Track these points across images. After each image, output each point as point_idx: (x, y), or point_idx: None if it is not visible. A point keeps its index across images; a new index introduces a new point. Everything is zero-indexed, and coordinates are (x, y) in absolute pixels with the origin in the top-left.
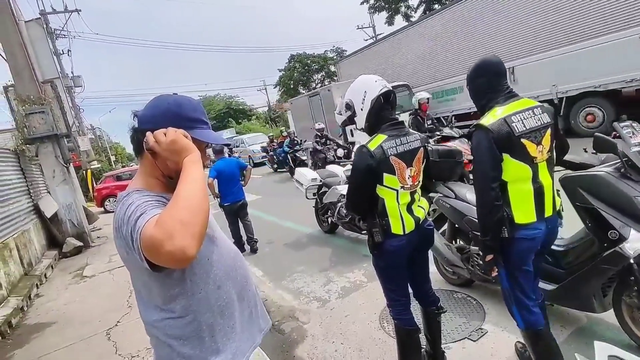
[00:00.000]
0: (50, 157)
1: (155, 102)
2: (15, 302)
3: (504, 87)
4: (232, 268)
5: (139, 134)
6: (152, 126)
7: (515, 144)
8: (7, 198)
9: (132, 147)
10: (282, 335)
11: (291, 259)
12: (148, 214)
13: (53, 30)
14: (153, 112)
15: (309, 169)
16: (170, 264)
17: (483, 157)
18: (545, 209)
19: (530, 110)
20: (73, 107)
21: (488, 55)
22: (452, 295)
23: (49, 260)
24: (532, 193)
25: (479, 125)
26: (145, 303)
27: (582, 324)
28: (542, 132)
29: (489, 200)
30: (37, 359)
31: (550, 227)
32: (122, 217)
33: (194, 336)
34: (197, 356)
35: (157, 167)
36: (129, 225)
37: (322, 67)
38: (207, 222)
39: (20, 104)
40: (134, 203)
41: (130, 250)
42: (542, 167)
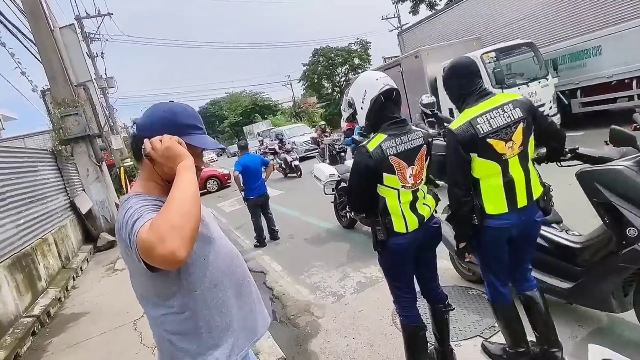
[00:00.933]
0: (84, 157)
1: (152, 110)
2: (54, 293)
3: (477, 88)
4: (229, 267)
5: (137, 141)
6: (149, 133)
7: (481, 144)
8: (46, 196)
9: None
10: (296, 329)
11: (310, 253)
12: (144, 217)
13: (87, 35)
14: (150, 120)
15: (327, 164)
16: (163, 265)
17: (451, 159)
18: (518, 201)
19: (500, 108)
20: (107, 107)
21: (459, 57)
22: (466, 292)
23: (85, 254)
24: (502, 187)
25: (448, 128)
26: (145, 300)
27: (601, 324)
28: (512, 128)
29: (456, 197)
30: (72, 346)
31: (524, 218)
32: (122, 220)
33: (192, 332)
34: (195, 351)
35: (155, 172)
36: (127, 228)
37: (346, 61)
38: (197, 226)
39: (56, 106)
40: (132, 207)
41: (129, 252)
42: (512, 162)
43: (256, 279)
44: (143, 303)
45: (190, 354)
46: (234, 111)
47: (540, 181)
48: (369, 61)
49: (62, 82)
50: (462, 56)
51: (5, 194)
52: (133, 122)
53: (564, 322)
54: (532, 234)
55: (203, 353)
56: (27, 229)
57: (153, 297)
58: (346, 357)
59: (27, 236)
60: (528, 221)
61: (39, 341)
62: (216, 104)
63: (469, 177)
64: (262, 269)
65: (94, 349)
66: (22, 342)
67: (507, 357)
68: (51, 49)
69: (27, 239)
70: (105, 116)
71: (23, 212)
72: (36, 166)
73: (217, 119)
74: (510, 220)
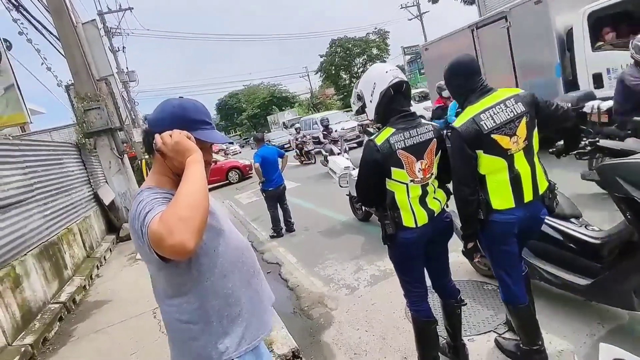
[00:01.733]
0: (107, 150)
1: (162, 106)
2: (79, 281)
3: (478, 85)
4: (239, 259)
5: (149, 136)
6: (160, 129)
7: (486, 141)
8: (71, 187)
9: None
10: (310, 320)
11: (325, 246)
12: (154, 210)
13: (109, 29)
14: (160, 116)
15: (342, 156)
16: (173, 256)
17: (456, 159)
18: (525, 196)
19: (502, 103)
20: (129, 101)
21: (460, 55)
22: (482, 286)
23: (108, 244)
24: (508, 182)
25: (452, 127)
26: (157, 289)
27: (622, 322)
28: (515, 122)
29: (463, 196)
30: (96, 332)
31: (529, 214)
32: (134, 212)
33: (203, 320)
34: (206, 339)
35: (166, 166)
36: (139, 220)
37: (364, 51)
38: (206, 217)
39: (79, 101)
40: (144, 200)
41: (141, 243)
42: (518, 156)
43: (271, 270)
44: (156, 293)
45: (201, 342)
46: (251, 103)
47: (545, 176)
48: (387, 51)
49: (84, 76)
50: (462, 54)
51: (33, 186)
52: (144, 118)
53: (583, 320)
54: (535, 231)
55: (214, 341)
56: (54, 219)
57: (165, 287)
58: (358, 349)
59: (54, 226)
60: (533, 217)
61: (65, 326)
62: (234, 96)
63: (476, 175)
64: (278, 260)
65: (116, 335)
66: (49, 327)
67: (520, 353)
68: (74, 45)
69: (54, 229)
70: (126, 109)
71: (50, 203)
72: (62, 159)
73: (235, 112)
74: (517, 215)
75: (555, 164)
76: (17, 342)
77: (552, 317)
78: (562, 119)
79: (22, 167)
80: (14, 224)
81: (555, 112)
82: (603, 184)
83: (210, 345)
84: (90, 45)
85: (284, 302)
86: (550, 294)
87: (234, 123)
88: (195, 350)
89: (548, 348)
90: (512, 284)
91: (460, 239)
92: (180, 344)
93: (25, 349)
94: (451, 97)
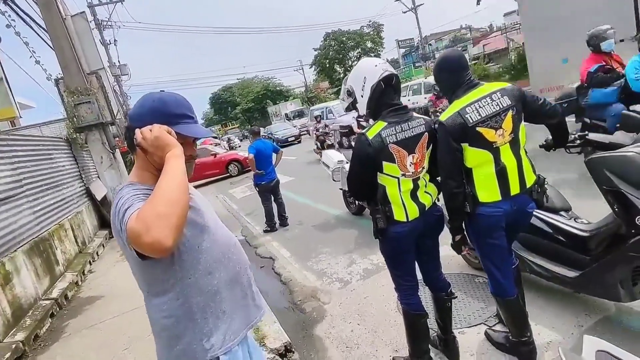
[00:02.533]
0: (98, 144)
1: (142, 100)
2: (71, 277)
3: (465, 80)
4: (224, 255)
5: (130, 131)
6: (141, 124)
7: (471, 133)
8: (62, 182)
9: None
10: (303, 314)
11: (318, 240)
12: (134, 206)
13: (100, 22)
14: (140, 111)
15: (335, 150)
16: (151, 253)
17: (442, 152)
18: (511, 188)
19: (488, 97)
20: (121, 95)
21: (449, 49)
22: (472, 279)
23: (100, 240)
24: (494, 175)
25: (439, 121)
26: (140, 285)
27: (609, 313)
28: (501, 116)
29: (449, 189)
30: (88, 327)
31: (516, 207)
32: (114, 209)
33: (187, 317)
34: (191, 336)
35: (148, 161)
36: (119, 217)
37: (358, 44)
38: (185, 213)
39: (69, 95)
40: (124, 196)
41: (121, 241)
42: (504, 149)
43: (265, 264)
44: (141, 289)
45: (186, 339)
46: (245, 97)
47: (533, 170)
48: (381, 44)
49: (74, 70)
50: (451, 49)
51: (23, 181)
52: (125, 114)
53: (571, 312)
54: (523, 224)
55: (199, 338)
56: (44, 215)
57: (148, 283)
58: (350, 342)
59: (45, 222)
60: (520, 210)
61: (57, 323)
62: (228, 90)
63: (461, 168)
64: (271, 255)
65: (108, 330)
66: (41, 324)
67: (509, 345)
68: (63, 38)
69: (45, 224)
70: (118, 104)
71: (40, 199)
72: (52, 154)
73: (229, 105)
74: (503, 208)
75: (546, 157)
76: (7, 339)
77: (541, 309)
78: (548, 115)
79: (11, 162)
80: (3, 220)
81: (542, 108)
82: (592, 176)
83: (195, 342)
84: (80, 38)
85: (277, 297)
86: (539, 286)
87: (227, 117)
88: (180, 347)
89: (537, 339)
90: (501, 277)
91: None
92: (166, 340)
93: (16, 345)
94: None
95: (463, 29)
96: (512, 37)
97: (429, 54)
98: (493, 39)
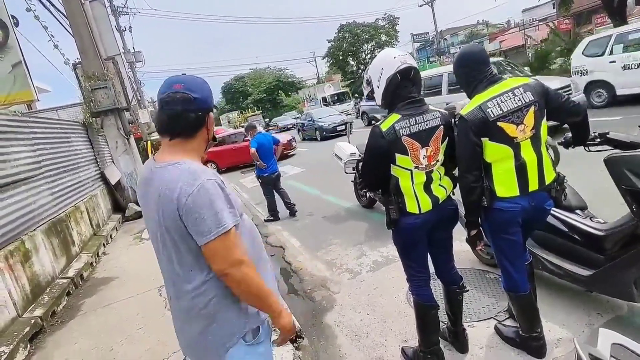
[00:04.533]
0: (113, 129)
1: (201, 84)
2: (86, 258)
3: (487, 75)
4: (250, 234)
5: (200, 112)
6: (209, 106)
7: (492, 128)
8: (78, 166)
9: (181, 124)
10: (312, 302)
11: (328, 231)
12: (234, 217)
13: (116, 8)
14: (208, 94)
15: (348, 142)
16: (224, 277)
17: (461, 146)
18: (530, 184)
19: (510, 91)
20: (135, 82)
21: (469, 44)
22: (484, 275)
23: (114, 223)
24: (514, 170)
25: (460, 115)
26: (181, 272)
27: (621, 313)
28: (523, 111)
29: (466, 183)
30: (103, 307)
31: (534, 203)
32: (204, 198)
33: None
34: (237, 307)
35: (204, 146)
36: (211, 210)
37: (373, 37)
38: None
39: (86, 80)
40: (211, 189)
41: (182, 223)
42: (525, 145)
43: (275, 253)
44: (178, 276)
45: (234, 312)
46: (257, 87)
47: (553, 167)
48: (396, 38)
49: (92, 55)
50: (471, 44)
51: (42, 163)
52: (193, 97)
53: (582, 310)
54: (540, 221)
55: (244, 309)
56: (62, 196)
57: (195, 265)
58: (359, 331)
59: (62, 203)
60: (538, 207)
61: (73, 301)
62: (240, 79)
63: (480, 162)
64: (281, 244)
65: (123, 310)
66: (58, 301)
67: (519, 340)
68: (82, 23)
69: (62, 206)
70: (133, 90)
71: (57, 181)
72: (69, 137)
73: (241, 95)
74: (521, 204)
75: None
76: (27, 314)
77: (552, 306)
78: (572, 112)
79: (31, 144)
80: (24, 199)
81: (565, 105)
82: (610, 175)
83: (242, 313)
84: (97, 24)
85: (287, 285)
86: (552, 284)
87: (239, 107)
88: (231, 320)
89: (547, 336)
90: (514, 272)
91: (464, 226)
92: (221, 315)
93: (35, 320)
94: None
95: (480, 24)
96: (529, 33)
97: (443, 48)
98: (510, 36)
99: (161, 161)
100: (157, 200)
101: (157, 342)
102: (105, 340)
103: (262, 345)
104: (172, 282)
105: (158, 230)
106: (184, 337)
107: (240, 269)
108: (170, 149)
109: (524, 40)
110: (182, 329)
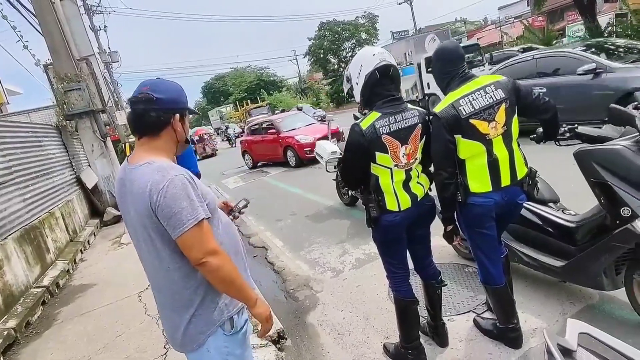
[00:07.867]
0: (89, 132)
1: (168, 86)
2: (62, 265)
3: (460, 71)
4: (226, 230)
5: (163, 112)
6: (177, 106)
7: (464, 125)
8: (52, 170)
9: (144, 123)
10: (295, 302)
11: (311, 230)
12: (203, 211)
13: (89, 7)
14: (173, 96)
15: (329, 141)
16: (198, 266)
17: (435, 143)
18: (502, 180)
19: (482, 89)
20: (111, 82)
21: (445, 41)
22: (462, 269)
23: (92, 228)
24: (486, 167)
25: (433, 112)
26: (160, 267)
27: (593, 302)
28: (494, 108)
29: (440, 180)
30: (80, 315)
31: (507, 198)
32: (174, 190)
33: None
34: (212, 297)
35: (173, 144)
36: (184, 201)
37: (353, 35)
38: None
39: (59, 81)
40: (178, 185)
41: (157, 218)
42: (497, 141)
43: (258, 254)
44: (161, 259)
45: (217, 300)
46: (238, 87)
47: (525, 162)
48: (376, 35)
49: (64, 56)
50: (448, 40)
51: (12, 169)
52: (153, 97)
53: (556, 299)
54: (513, 215)
55: (218, 298)
56: (35, 202)
57: (180, 258)
58: (342, 329)
59: (35, 210)
60: (510, 202)
61: (48, 310)
62: (221, 79)
63: (454, 159)
64: (264, 244)
65: (101, 318)
66: (32, 311)
67: (497, 332)
68: (52, 22)
69: (35, 212)
70: (109, 91)
71: (30, 187)
72: (42, 141)
73: (222, 95)
74: (494, 199)
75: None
76: None
77: (528, 298)
78: (542, 110)
79: (1, 148)
80: None
81: (536, 102)
82: (580, 168)
83: (219, 299)
84: (69, 23)
85: (270, 285)
86: (527, 276)
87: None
88: (209, 310)
89: (523, 326)
90: (490, 265)
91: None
92: (200, 305)
93: (7, 332)
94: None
95: (458, 21)
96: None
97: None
98: (487, 33)
99: (133, 163)
100: (131, 199)
101: (137, 349)
102: (82, 349)
103: (240, 334)
104: (153, 277)
105: (136, 228)
106: (168, 328)
107: (216, 257)
108: (140, 149)
109: (501, 37)
110: (166, 320)
